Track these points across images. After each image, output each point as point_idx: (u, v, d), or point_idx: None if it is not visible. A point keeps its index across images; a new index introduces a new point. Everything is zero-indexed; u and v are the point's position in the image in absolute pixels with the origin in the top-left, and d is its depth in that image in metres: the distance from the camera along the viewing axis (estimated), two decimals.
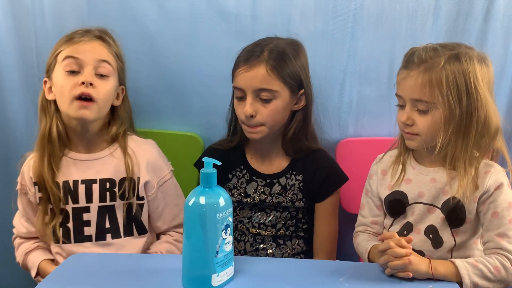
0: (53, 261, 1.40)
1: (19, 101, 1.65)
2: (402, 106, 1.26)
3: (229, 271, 1.11)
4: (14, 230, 1.47)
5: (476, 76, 1.18)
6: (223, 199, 1.07)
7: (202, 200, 1.05)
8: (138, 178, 1.39)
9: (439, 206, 1.27)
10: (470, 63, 1.18)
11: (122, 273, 1.14)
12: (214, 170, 1.07)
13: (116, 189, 1.37)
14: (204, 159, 1.07)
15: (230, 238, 1.09)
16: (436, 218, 1.27)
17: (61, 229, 1.36)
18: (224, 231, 1.07)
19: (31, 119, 1.65)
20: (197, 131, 1.65)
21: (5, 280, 1.80)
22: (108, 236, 1.37)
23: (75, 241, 1.36)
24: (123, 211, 1.37)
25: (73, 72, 1.30)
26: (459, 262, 1.14)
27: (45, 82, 1.37)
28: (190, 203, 1.06)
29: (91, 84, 1.30)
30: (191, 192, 1.08)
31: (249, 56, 1.37)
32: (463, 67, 1.18)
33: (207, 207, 1.05)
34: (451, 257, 1.22)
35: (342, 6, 1.54)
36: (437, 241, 1.27)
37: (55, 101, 1.34)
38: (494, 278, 1.14)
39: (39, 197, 1.35)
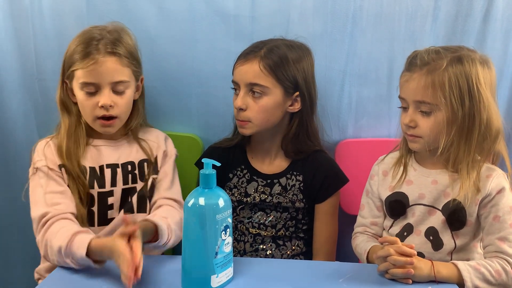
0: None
1: (18, 101, 1.65)
2: (405, 109, 1.26)
3: (228, 272, 1.11)
4: (42, 212, 1.26)
5: (479, 78, 1.18)
6: (222, 200, 1.07)
7: (202, 201, 1.05)
8: (156, 156, 1.42)
9: (440, 208, 1.27)
10: (473, 65, 1.19)
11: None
12: (214, 171, 1.07)
13: (137, 171, 1.39)
14: (203, 160, 1.08)
15: (229, 239, 1.09)
16: (437, 220, 1.27)
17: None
18: (223, 232, 1.07)
19: (30, 120, 1.65)
20: (196, 132, 1.65)
21: (5, 280, 1.80)
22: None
23: (99, 225, 1.36)
24: (145, 189, 1.39)
25: (91, 93, 1.31)
26: (461, 264, 1.14)
27: (66, 83, 1.36)
28: (190, 204, 1.06)
29: (110, 106, 1.31)
30: (191, 193, 1.08)
31: (249, 51, 1.39)
32: (466, 69, 1.18)
33: (206, 208, 1.05)
34: (451, 260, 1.22)
35: (341, 7, 1.53)
36: (437, 243, 1.27)
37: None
38: (495, 281, 1.15)
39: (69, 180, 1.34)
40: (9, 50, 1.61)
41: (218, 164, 1.07)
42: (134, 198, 1.38)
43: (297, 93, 1.40)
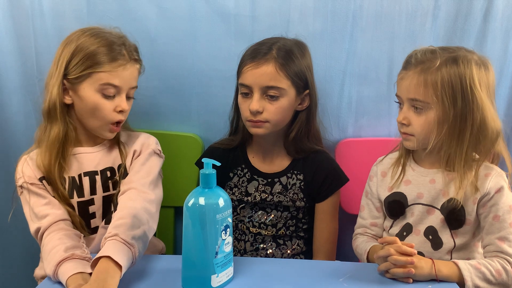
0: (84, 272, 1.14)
1: (18, 101, 1.65)
2: (400, 107, 1.27)
3: (228, 272, 1.11)
4: (35, 228, 1.27)
5: (473, 79, 1.18)
6: (222, 199, 1.07)
7: (202, 200, 1.05)
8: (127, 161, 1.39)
9: (439, 207, 1.27)
10: (467, 66, 1.19)
11: None
12: (214, 171, 1.07)
13: (117, 177, 1.37)
14: (203, 159, 1.08)
15: (229, 239, 1.09)
16: (436, 219, 1.27)
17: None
18: (223, 231, 1.07)
19: (30, 120, 1.65)
20: (196, 132, 1.65)
21: (5, 280, 1.80)
22: None
23: (83, 235, 1.34)
24: (115, 197, 1.36)
25: (108, 97, 1.30)
26: (462, 264, 1.15)
27: (63, 83, 1.30)
28: (190, 203, 1.06)
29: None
30: (191, 193, 1.08)
31: (256, 53, 1.37)
32: (460, 69, 1.18)
33: (206, 207, 1.05)
34: (451, 259, 1.22)
35: (341, 6, 1.54)
36: (436, 242, 1.27)
37: (68, 105, 1.33)
38: (495, 281, 1.15)
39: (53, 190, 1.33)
40: (9, 50, 1.61)
41: (218, 163, 1.07)
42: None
43: (307, 91, 1.40)
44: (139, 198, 1.26)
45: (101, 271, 1.06)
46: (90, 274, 1.11)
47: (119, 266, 1.07)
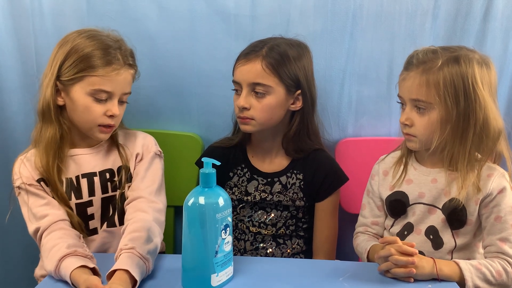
0: (87, 267, 1.14)
1: (18, 101, 1.65)
2: (403, 107, 1.27)
3: (228, 271, 1.11)
4: (34, 228, 1.27)
5: (475, 78, 1.18)
6: (222, 199, 1.07)
7: (202, 200, 1.05)
8: (130, 164, 1.38)
9: (440, 207, 1.27)
10: (469, 65, 1.18)
11: None
12: (214, 170, 1.07)
13: (116, 178, 1.37)
14: (203, 159, 1.08)
15: (229, 238, 1.09)
16: (437, 218, 1.27)
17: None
18: (223, 231, 1.07)
19: (30, 120, 1.64)
20: (196, 131, 1.65)
21: (5, 279, 1.80)
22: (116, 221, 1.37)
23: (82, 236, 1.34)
24: (117, 200, 1.36)
25: (100, 100, 1.29)
26: (463, 264, 1.15)
27: (56, 85, 1.30)
28: (190, 203, 1.06)
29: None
30: (191, 192, 1.08)
31: (249, 51, 1.39)
32: (462, 69, 1.18)
33: (206, 207, 1.05)
34: (451, 259, 1.22)
35: (341, 6, 1.54)
36: (437, 242, 1.27)
37: (61, 106, 1.32)
38: (495, 282, 1.16)
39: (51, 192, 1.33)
40: (9, 50, 1.61)
41: (218, 163, 1.07)
42: (117, 210, 1.36)
43: (299, 91, 1.40)
44: (149, 210, 1.28)
45: (117, 283, 1.07)
46: (92, 269, 1.13)
47: (134, 281, 1.09)
